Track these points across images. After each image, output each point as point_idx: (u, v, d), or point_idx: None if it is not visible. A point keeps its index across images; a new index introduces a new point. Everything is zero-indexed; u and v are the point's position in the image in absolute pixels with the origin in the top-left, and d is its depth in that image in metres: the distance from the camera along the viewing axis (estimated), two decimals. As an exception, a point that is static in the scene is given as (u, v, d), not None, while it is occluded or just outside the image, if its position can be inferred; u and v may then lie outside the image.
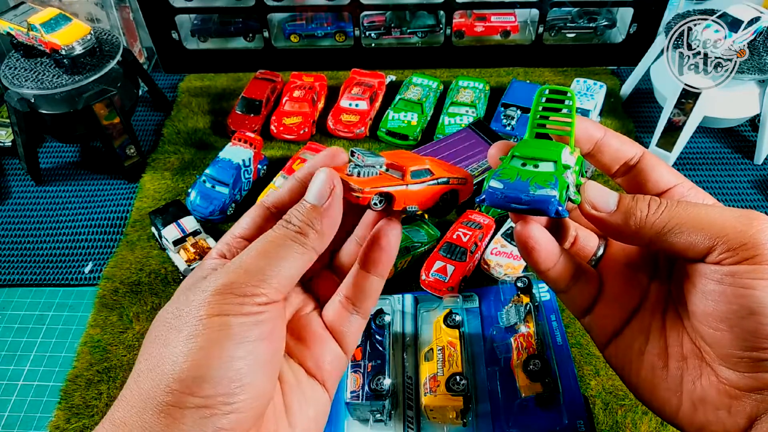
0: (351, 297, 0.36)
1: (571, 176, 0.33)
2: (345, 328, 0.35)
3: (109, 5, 1.00)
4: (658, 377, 0.33)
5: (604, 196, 0.33)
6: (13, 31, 0.82)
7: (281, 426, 0.31)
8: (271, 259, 0.30)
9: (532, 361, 0.56)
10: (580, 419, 0.57)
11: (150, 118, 1.00)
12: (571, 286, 0.36)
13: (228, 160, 0.83)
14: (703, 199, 0.34)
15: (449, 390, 0.55)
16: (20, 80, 0.81)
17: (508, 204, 0.32)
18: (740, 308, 0.29)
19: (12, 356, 0.70)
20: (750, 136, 0.93)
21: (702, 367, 0.32)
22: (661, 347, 0.34)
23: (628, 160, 0.36)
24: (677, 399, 0.32)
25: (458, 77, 1.00)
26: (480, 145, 0.80)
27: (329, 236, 0.32)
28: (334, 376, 0.35)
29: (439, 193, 0.35)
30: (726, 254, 0.30)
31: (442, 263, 0.71)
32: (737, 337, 0.29)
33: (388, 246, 0.35)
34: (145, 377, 0.28)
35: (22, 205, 0.87)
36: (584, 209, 0.33)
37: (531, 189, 0.31)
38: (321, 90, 0.99)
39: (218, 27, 1.10)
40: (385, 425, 0.58)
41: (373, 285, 0.35)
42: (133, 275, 0.75)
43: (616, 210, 0.32)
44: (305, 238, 0.31)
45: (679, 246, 0.31)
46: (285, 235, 0.31)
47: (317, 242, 0.32)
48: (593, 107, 0.91)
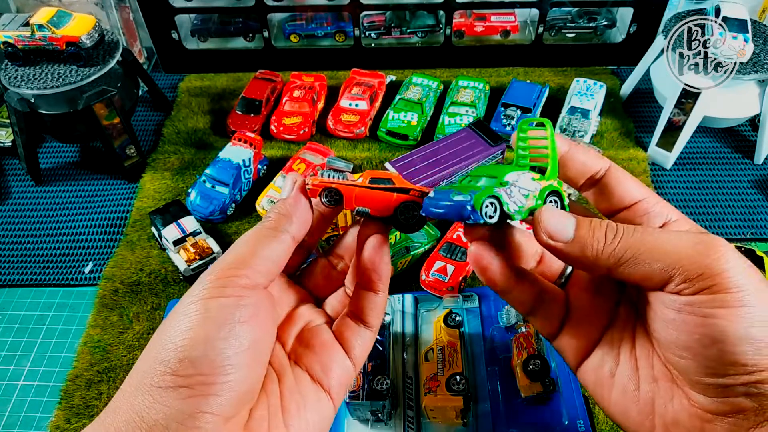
0: (356, 312, 0.36)
1: (518, 195, 0.33)
2: (353, 340, 0.36)
3: (109, 5, 1.00)
4: (630, 400, 0.33)
5: (561, 222, 0.32)
6: (11, 39, 0.80)
7: (275, 425, 0.32)
8: (250, 247, 0.33)
9: (532, 361, 0.56)
10: (580, 419, 0.57)
11: (150, 118, 1.00)
12: (537, 309, 0.36)
13: (228, 160, 0.83)
14: (667, 215, 0.34)
15: (449, 390, 0.55)
16: (20, 80, 0.80)
17: (431, 210, 0.34)
18: (702, 337, 0.29)
19: (12, 356, 0.70)
20: (750, 136, 0.93)
21: (673, 390, 0.31)
22: (631, 369, 0.33)
23: (593, 174, 0.36)
24: (650, 422, 0.32)
25: (458, 77, 1.00)
26: (480, 145, 0.80)
27: (301, 221, 0.35)
28: (340, 386, 0.35)
29: (395, 201, 0.36)
30: (684, 285, 0.29)
31: (442, 263, 0.71)
32: (701, 364, 0.29)
33: (377, 266, 0.35)
34: (138, 365, 0.30)
35: (22, 205, 0.87)
36: (540, 238, 0.32)
37: (452, 195, 0.33)
38: (321, 90, 0.99)
39: (218, 27, 1.10)
40: (385, 425, 0.58)
41: (373, 301, 0.36)
42: (134, 275, 0.75)
43: (572, 240, 0.31)
44: (279, 224, 0.34)
45: (636, 276, 0.31)
46: (262, 227, 0.34)
47: (290, 226, 0.34)
48: (593, 107, 0.91)
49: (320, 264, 0.40)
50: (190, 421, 0.27)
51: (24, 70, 0.82)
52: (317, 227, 0.38)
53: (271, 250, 0.33)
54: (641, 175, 0.85)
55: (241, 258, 0.32)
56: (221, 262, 0.32)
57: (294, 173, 0.37)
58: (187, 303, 0.30)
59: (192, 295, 0.31)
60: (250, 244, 0.33)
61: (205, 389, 0.28)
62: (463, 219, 0.32)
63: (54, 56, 0.83)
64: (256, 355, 0.31)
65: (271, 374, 0.33)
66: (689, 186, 0.86)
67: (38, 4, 0.97)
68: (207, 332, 0.29)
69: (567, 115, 0.91)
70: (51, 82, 0.80)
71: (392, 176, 0.37)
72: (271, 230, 0.34)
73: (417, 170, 0.77)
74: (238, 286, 0.31)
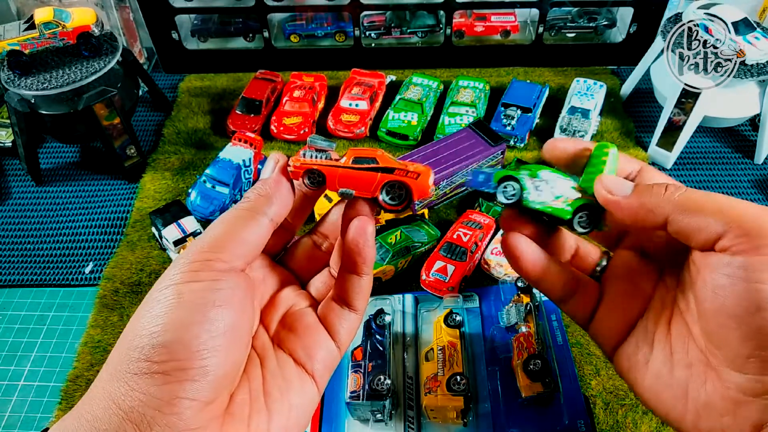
0: (341, 296, 0.36)
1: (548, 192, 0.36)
2: (338, 323, 0.36)
3: (109, 5, 1.00)
4: (663, 385, 0.33)
5: (620, 183, 0.34)
6: (18, 46, 0.79)
7: (256, 409, 0.31)
8: (226, 228, 0.32)
9: (532, 361, 0.56)
10: (580, 419, 0.57)
11: (150, 118, 1.00)
12: (569, 297, 0.37)
13: (228, 160, 0.83)
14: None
15: (449, 390, 0.55)
16: (20, 81, 0.80)
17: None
18: (750, 304, 0.28)
19: (12, 357, 0.70)
20: (750, 135, 0.93)
21: (707, 373, 0.32)
22: (666, 355, 0.34)
23: (627, 174, 0.37)
24: (682, 406, 0.32)
25: (458, 77, 1.00)
26: (480, 145, 0.80)
27: (281, 203, 0.34)
28: (324, 369, 0.35)
29: (380, 181, 0.35)
30: (738, 240, 0.29)
31: (442, 263, 0.71)
32: (745, 335, 0.29)
33: (361, 248, 0.35)
34: (114, 352, 0.29)
35: (22, 205, 0.87)
36: (599, 194, 0.34)
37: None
38: (321, 90, 0.99)
39: (218, 27, 1.10)
40: (386, 425, 0.58)
41: (358, 284, 0.35)
42: (134, 275, 0.75)
43: (631, 194, 0.33)
44: (258, 206, 0.33)
45: (692, 227, 0.31)
46: (239, 208, 0.33)
47: (269, 208, 0.34)
48: (593, 107, 0.91)
49: (304, 244, 0.39)
50: (168, 408, 0.27)
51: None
52: (300, 209, 0.38)
53: (248, 232, 0.32)
54: (641, 175, 0.85)
55: (216, 240, 0.31)
56: (196, 245, 0.32)
57: (276, 153, 0.36)
58: (161, 288, 0.30)
59: (166, 279, 0.30)
60: (227, 225, 0.32)
61: (181, 375, 0.27)
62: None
63: (63, 53, 0.83)
64: (233, 339, 0.30)
65: (254, 358, 0.33)
66: (689, 186, 0.86)
67: (38, 3, 0.97)
68: (181, 317, 0.28)
69: (567, 115, 0.91)
70: (51, 83, 0.80)
71: (376, 155, 0.36)
72: (248, 211, 0.33)
73: (417, 170, 0.77)
74: (213, 270, 0.30)
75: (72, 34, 0.81)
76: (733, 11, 0.80)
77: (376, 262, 0.71)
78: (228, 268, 0.31)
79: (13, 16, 1.02)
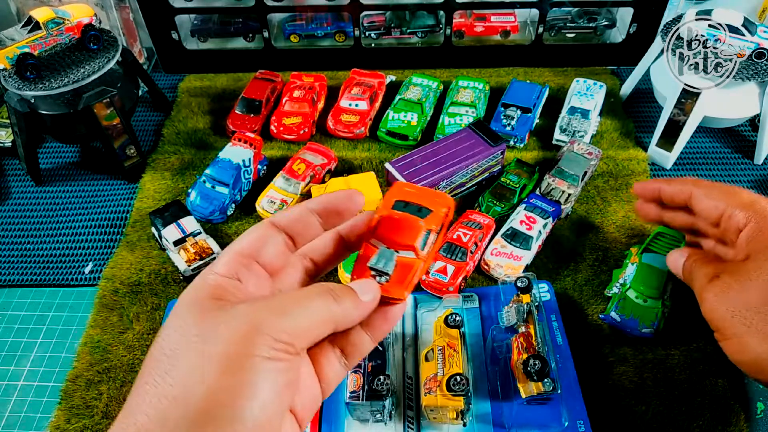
0: (342, 348, 0.35)
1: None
2: (328, 373, 0.35)
3: (109, 5, 1.00)
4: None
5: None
6: (27, 48, 0.78)
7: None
8: (305, 311, 0.30)
9: (532, 361, 0.56)
10: (580, 419, 0.57)
11: (150, 119, 1.00)
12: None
13: (228, 160, 0.83)
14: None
15: (449, 390, 0.55)
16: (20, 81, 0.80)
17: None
18: None
19: (12, 356, 0.70)
20: (750, 136, 0.93)
21: None
22: None
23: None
24: None
25: (458, 77, 1.00)
26: (480, 145, 0.80)
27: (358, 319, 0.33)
28: (307, 413, 0.34)
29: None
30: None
31: (442, 263, 0.71)
32: None
33: (393, 318, 0.34)
34: (171, 405, 0.27)
35: (22, 205, 0.87)
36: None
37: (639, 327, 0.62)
38: (321, 90, 0.99)
39: (218, 27, 1.10)
40: (385, 425, 0.58)
41: (365, 344, 0.35)
42: (134, 275, 0.75)
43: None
44: (337, 306, 0.31)
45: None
46: (321, 297, 0.31)
47: (344, 316, 0.32)
48: (593, 107, 0.91)
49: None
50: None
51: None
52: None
53: (321, 324, 0.31)
54: (641, 175, 0.85)
55: (292, 318, 0.30)
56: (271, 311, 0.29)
57: (376, 285, 0.33)
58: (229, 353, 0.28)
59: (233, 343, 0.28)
60: (303, 305, 0.31)
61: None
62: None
63: (70, 50, 0.83)
64: (282, 418, 0.30)
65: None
66: (689, 186, 0.86)
67: (38, 4, 0.97)
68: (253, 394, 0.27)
69: (567, 115, 0.91)
70: (51, 83, 0.79)
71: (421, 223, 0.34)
72: (329, 300, 0.31)
73: (417, 170, 0.77)
74: (284, 351, 0.29)
75: (76, 28, 0.81)
76: (734, 15, 0.80)
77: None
78: (296, 350, 0.30)
79: (12, 15, 1.02)
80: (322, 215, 0.35)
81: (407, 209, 0.35)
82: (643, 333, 0.64)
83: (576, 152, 0.83)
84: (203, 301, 0.30)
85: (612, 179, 0.84)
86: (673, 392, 0.61)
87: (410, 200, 0.35)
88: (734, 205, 0.50)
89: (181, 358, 0.28)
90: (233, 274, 0.32)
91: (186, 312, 0.30)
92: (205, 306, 0.30)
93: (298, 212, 0.35)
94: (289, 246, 0.35)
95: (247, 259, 0.33)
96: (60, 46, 0.82)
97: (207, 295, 0.31)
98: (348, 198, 0.35)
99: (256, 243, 0.33)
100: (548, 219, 0.75)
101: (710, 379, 0.62)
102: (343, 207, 0.35)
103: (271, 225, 0.34)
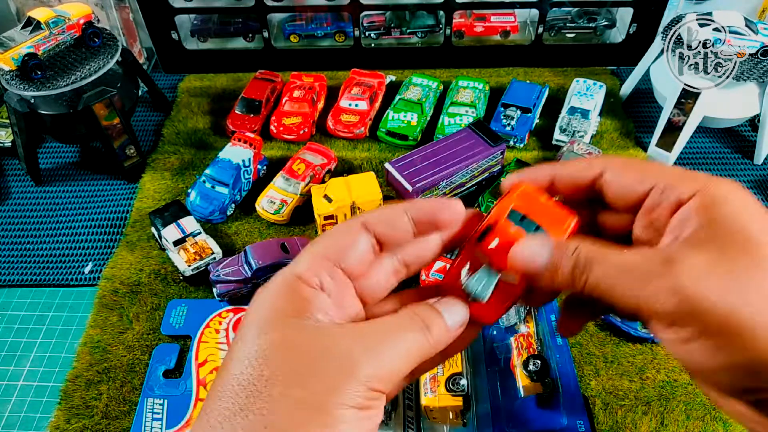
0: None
1: None
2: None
3: (109, 5, 1.00)
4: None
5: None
6: (32, 48, 0.77)
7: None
8: (395, 347, 0.28)
9: (532, 361, 0.56)
10: (580, 419, 0.57)
11: (150, 118, 1.00)
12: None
13: (228, 160, 0.83)
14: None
15: (449, 390, 0.55)
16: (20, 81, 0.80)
17: None
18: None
19: (12, 356, 0.70)
20: (750, 136, 0.93)
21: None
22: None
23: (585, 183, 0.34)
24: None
25: (458, 77, 1.00)
26: (480, 145, 0.80)
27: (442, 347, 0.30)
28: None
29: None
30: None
31: (442, 263, 0.71)
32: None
33: (466, 341, 0.32)
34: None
35: (22, 205, 0.87)
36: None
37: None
38: (321, 90, 0.99)
39: (218, 27, 1.10)
40: (385, 425, 0.58)
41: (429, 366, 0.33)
42: (133, 275, 0.74)
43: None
44: (428, 339, 0.29)
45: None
46: (413, 324, 0.29)
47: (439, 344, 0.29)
48: (593, 107, 0.91)
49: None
50: None
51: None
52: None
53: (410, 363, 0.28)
54: (641, 175, 0.85)
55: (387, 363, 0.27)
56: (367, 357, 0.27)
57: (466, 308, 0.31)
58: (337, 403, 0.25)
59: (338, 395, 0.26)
60: (397, 346, 0.28)
61: None
62: None
63: (72, 48, 0.83)
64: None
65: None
66: (689, 186, 0.86)
67: (38, 4, 0.97)
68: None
69: (567, 115, 0.91)
70: (51, 83, 0.79)
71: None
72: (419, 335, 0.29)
73: (417, 170, 0.77)
74: (371, 399, 0.27)
75: (77, 26, 0.81)
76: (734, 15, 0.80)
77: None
78: (382, 395, 0.27)
79: (12, 16, 1.02)
80: (417, 223, 0.32)
81: (523, 224, 0.31)
82: (642, 334, 0.63)
83: (576, 152, 0.83)
84: (288, 320, 0.27)
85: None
86: (673, 392, 0.61)
87: (530, 214, 0.31)
88: (670, 177, 0.32)
89: (273, 386, 0.25)
90: (317, 283, 0.29)
91: (272, 330, 0.27)
92: (291, 325, 0.27)
93: (393, 215, 0.32)
94: (375, 250, 0.32)
95: (332, 263, 0.30)
96: (62, 45, 0.82)
97: (292, 310, 0.28)
98: (449, 209, 0.32)
99: (344, 245, 0.30)
100: (548, 219, 0.75)
101: (710, 379, 0.62)
102: (442, 218, 0.32)
103: (362, 226, 0.31)
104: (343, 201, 0.73)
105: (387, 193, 0.80)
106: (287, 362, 0.26)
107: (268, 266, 0.69)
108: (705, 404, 0.60)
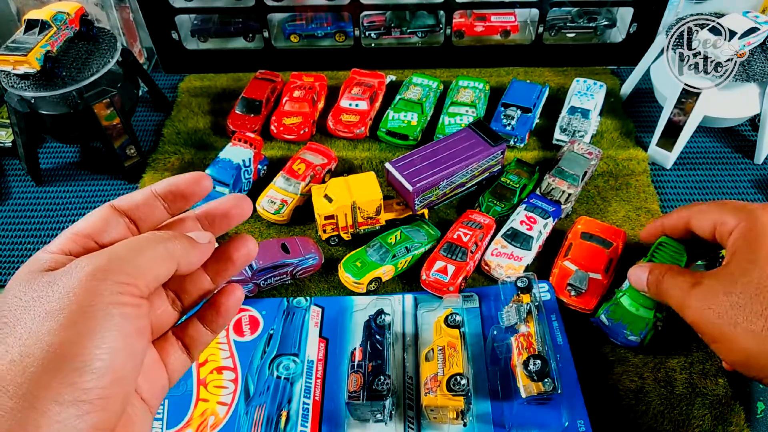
0: (184, 340, 0.36)
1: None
2: (172, 359, 0.35)
3: (109, 5, 1.00)
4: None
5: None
6: (48, 47, 0.77)
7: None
8: (142, 252, 0.30)
9: (532, 361, 0.56)
10: (580, 419, 0.57)
11: (150, 119, 1.00)
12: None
13: (228, 160, 0.83)
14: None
15: (449, 390, 0.55)
16: (20, 81, 0.80)
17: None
18: None
19: (12, 356, 0.70)
20: (750, 136, 0.93)
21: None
22: None
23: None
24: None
25: (458, 77, 1.00)
26: (480, 145, 0.80)
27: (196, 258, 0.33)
28: (155, 400, 0.34)
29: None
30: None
31: (442, 263, 0.71)
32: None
33: (226, 312, 0.36)
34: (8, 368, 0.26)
35: (22, 205, 0.87)
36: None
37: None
38: (321, 90, 0.99)
39: (218, 27, 1.10)
40: (385, 425, 0.58)
41: (204, 338, 0.36)
42: (134, 275, 0.74)
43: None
44: (173, 244, 0.32)
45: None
46: (155, 238, 0.31)
47: (184, 253, 0.32)
48: (593, 107, 0.91)
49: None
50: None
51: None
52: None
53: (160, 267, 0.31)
54: (641, 175, 0.85)
55: (134, 263, 0.30)
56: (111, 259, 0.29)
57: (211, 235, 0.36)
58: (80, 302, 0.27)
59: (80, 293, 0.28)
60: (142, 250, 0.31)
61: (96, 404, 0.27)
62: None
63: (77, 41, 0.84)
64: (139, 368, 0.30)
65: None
66: (689, 186, 0.86)
67: (38, 3, 0.97)
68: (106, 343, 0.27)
69: (567, 115, 0.91)
70: (51, 83, 0.79)
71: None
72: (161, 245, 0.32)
73: (417, 170, 0.77)
74: (131, 295, 0.29)
75: (75, 20, 0.83)
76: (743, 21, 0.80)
77: (376, 262, 0.71)
78: (142, 294, 0.30)
79: (13, 16, 1.02)
80: (167, 199, 0.35)
81: (592, 240, 0.58)
82: (629, 341, 0.63)
83: (576, 152, 0.83)
84: (37, 273, 0.29)
85: (612, 179, 0.85)
86: (673, 392, 0.61)
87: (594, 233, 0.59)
88: (725, 212, 0.51)
89: (18, 323, 0.27)
90: (68, 252, 0.31)
91: (20, 282, 0.29)
92: (40, 274, 0.29)
93: (141, 196, 0.34)
94: (132, 230, 0.34)
95: (85, 239, 0.32)
96: (68, 40, 0.83)
97: (40, 269, 0.30)
98: (194, 181, 0.36)
99: (96, 225, 0.33)
100: (548, 219, 0.75)
101: (710, 379, 0.62)
102: (189, 191, 0.35)
103: (111, 207, 0.34)
104: (344, 201, 0.73)
105: (387, 193, 0.80)
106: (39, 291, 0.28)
107: (269, 266, 0.69)
108: (705, 404, 0.60)
